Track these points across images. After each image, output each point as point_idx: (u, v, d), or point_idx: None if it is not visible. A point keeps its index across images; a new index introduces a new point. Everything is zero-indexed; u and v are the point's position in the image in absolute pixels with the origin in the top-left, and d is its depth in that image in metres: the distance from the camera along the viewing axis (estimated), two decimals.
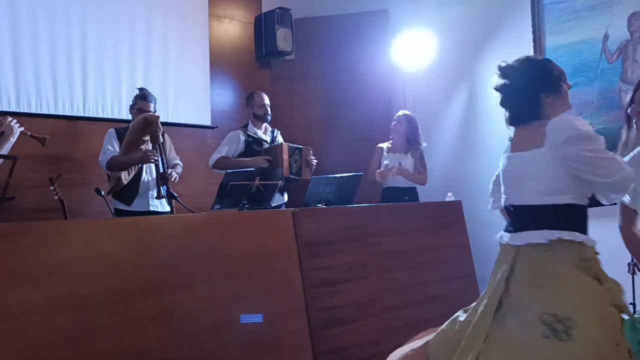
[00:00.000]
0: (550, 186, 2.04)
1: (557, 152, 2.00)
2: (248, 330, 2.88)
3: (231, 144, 4.56)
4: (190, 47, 5.21)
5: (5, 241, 2.32)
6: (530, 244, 2.02)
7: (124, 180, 3.84)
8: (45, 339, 2.32)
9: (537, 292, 1.97)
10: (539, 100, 2.13)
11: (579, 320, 1.88)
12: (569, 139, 1.99)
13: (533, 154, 2.06)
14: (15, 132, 3.27)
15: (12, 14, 4.18)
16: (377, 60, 5.52)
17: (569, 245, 2.01)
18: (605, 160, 1.99)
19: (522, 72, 2.17)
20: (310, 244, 3.23)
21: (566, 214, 2.06)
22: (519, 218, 2.13)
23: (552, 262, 1.98)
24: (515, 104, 2.17)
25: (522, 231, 2.07)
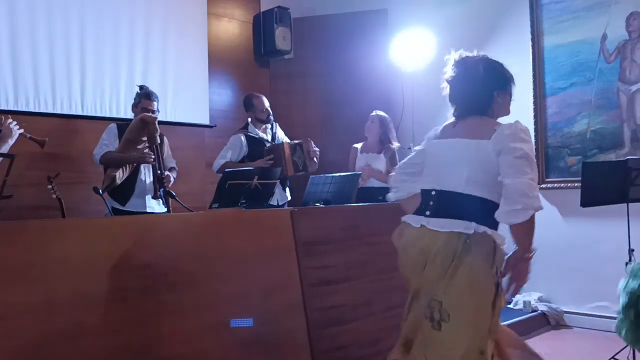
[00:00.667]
0: (483, 178, 2.06)
1: (496, 146, 2.03)
2: (247, 329, 2.88)
3: (234, 148, 4.51)
4: (189, 45, 5.21)
5: (3, 239, 2.31)
6: (452, 232, 2.04)
7: (118, 180, 3.81)
8: (43, 338, 2.31)
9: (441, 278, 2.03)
10: (492, 96, 2.18)
11: (453, 318, 1.99)
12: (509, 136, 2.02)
13: (478, 143, 2.08)
14: (14, 134, 3.26)
15: (11, 13, 4.18)
16: (375, 59, 5.52)
17: (485, 239, 2.04)
18: (519, 165, 1.99)
19: (482, 68, 2.21)
20: (309, 243, 3.22)
21: (488, 209, 2.07)
22: (442, 204, 2.13)
23: (468, 252, 2.02)
24: (470, 97, 2.20)
25: (445, 217, 2.08)
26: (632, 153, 4.34)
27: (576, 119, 4.69)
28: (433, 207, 2.13)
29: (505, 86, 2.23)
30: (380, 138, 4.76)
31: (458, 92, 2.24)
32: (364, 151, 4.82)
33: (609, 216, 4.08)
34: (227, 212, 3.37)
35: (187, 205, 3.66)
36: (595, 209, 3.49)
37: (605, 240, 4.37)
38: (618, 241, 3.73)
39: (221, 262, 2.91)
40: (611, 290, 4.30)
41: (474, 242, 2.02)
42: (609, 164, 3.80)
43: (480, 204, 2.05)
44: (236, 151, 4.51)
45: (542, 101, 4.87)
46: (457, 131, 2.19)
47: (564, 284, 4.66)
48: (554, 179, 4.79)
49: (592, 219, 4.38)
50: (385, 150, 4.73)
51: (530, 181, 1.97)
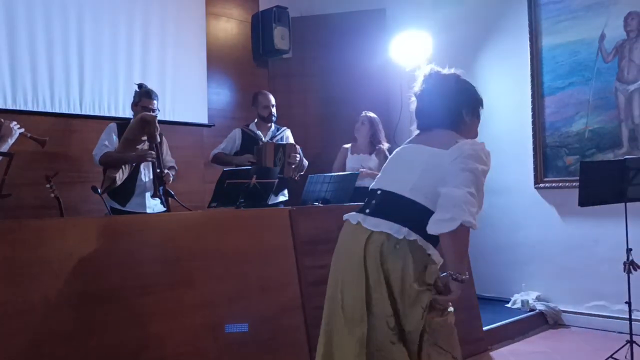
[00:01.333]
0: (430, 188, 1.96)
1: (451, 158, 1.95)
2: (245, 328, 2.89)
3: (229, 141, 4.66)
4: (188, 45, 5.21)
5: (2, 239, 2.32)
6: (384, 232, 1.96)
7: (118, 181, 3.80)
8: (43, 336, 2.32)
9: (383, 290, 1.94)
10: (460, 114, 2.13)
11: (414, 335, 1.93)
12: (467, 153, 1.93)
13: (434, 152, 2.02)
14: (14, 134, 3.25)
15: (9, 11, 4.17)
16: (374, 59, 5.52)
17: (416, 248, 1.95)
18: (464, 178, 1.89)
19: (453, 84, 2.16)
20: (307, 242, 3.23)
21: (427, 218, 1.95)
22: (382, 204, 2.05)
23: (401, 259, 1.93)
24: (437, 112, 2.14)
25: (380, 218, 2.00)
26: (630, 152, 4.34)
27: (574, 118, 4.70)
28: (374, 206, 2.06)
29: (474, 108, 2.17)
30: (370, 139, 4.81)
31: (425, 106, 2.18)
32: (354, 152, 4.87)
33: (607, 216, 4.09)
34: (226, 212, 3.38)
35: (186, 204, 3.66)
36: (593, 208, 3.50)
37: (603, 239, 4.38)
38: (616, 240, 3.74)
39: (220, 261, 2.92)
40: (609, 290, 4.33)
41: (403, 248, 1.93)
42: (607, 164, 3.80)
43: (420, 212, 1.95)
44: (230, 144, 4.64)
45: (540, 101, 4.87)
46: (420, 139, 2.15)
47: (562, 283, 4.66)
48: (552, 179, 4.79)
49: (590, 219, 4.39)
50: (377, 151, 4.78)
51: (469, 195, 1.86)
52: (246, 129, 4.66)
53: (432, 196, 1.95)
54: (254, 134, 4.62)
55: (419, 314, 1.92)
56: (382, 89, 5.60)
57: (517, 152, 4.92)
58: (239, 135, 4.63)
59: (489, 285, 4.90)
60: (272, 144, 4.48)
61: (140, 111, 3.87)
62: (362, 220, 2.04)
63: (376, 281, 1.95)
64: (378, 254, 1.95)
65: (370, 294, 1.96)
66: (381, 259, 1.94)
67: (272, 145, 4.46)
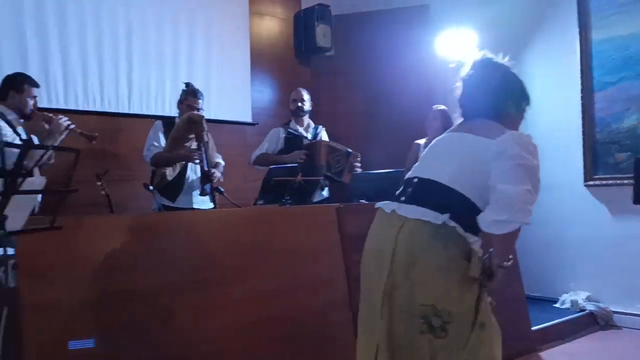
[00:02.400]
0: (471, 177, 1.89)
1: (499, 149, 1.86)
2: (293, 324, 2.90)
3: (271, 140, 4.58)
4: (232, 44, 5.26)
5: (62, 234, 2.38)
6: (421, 220, 1.86)
7: (169, 177, 3.87)
8: (98, 330, 2.37)
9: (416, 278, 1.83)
10: (505, 106, 2.05)
11: (456, 317, 1.81)
12: (517, 144, 1.86)
13: (478, 140, 1.93)
14: (62, 129, 3.34)
15: (61, 16, 4.29)
16: (417, 56, 5.47)
17: (456, 236, 1.85)
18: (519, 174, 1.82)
19: (502, 73, 2.09)
20: (354, 239, 3.20)
21: (467, 209, 1.88)
22: (418, 191, 1.96)
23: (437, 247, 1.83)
24: (483, 100, 2.06)
25: (417, 205, 1.90)
26: None
27: (625, 114, 4.56)
28: (409, 194, 1.97)
29: (520, 102, 2.09)
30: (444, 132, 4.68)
31: (470, 93, 2.10)
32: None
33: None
34: (274, 208, 3.40)
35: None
36: None
37: None
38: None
39: (269, 257, 2.94)
40: None
41: (443, 234, 1.83)
42: None
43: (459, 201, 1.88)
44: (272, 144, 4.56)
45: (590, 96, 4.75)
46: (463, 127, 2.07)
47: (613, 283, 4.54)
48: (602, 176, 4.66)
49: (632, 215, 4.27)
50: None
51: (527, 192, 1.79)
52: (288, 128, 4.63)
53: (474, 187, 1.88)
54: (297, 133, 4.61)
55: (469, 300, 1.84)
56: (425, 86, 5.54)
57: (566, 149, 4.81)
58: (282, 134, 4.59)
59: (536, 285, 4.80)
60: (327, 144, 4.45)
61: (186, 110, 3.93)
62: (397, 208, 1.94)
63: (404, 267, 1.84)
64: (412, 240, 1.85)
65: (394, 283, 1.85)
66: (415, 245, 1.85)
67: (327, 145, 4.44)
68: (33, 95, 3.40)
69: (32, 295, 2.22)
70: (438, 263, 1.83)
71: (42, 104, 3.68)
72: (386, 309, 1.87)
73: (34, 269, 2.25)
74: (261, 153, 4.54)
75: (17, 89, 3.34)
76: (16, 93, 3.34)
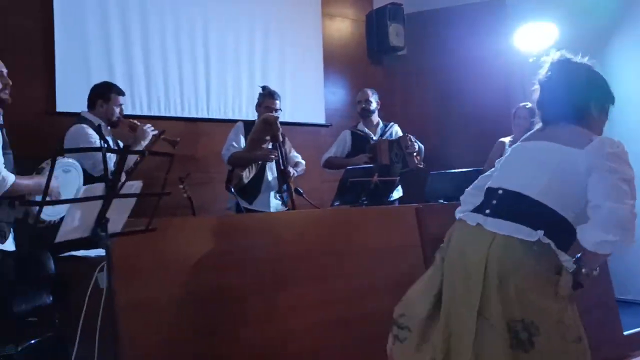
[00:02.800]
0: (562, 190, 1.84)
1: (590, 160, 1.80)
2: (376, 325, 2.88)
3: (339, 144, 4.67)
4: (305, 46, 5.32)
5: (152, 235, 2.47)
6: (513, 237, 1.81)
7: (245, 179, 3.96)
8: (189, 330, 2.44)
9: (507, 294, 1.79)
10: (588, 107, 1.96)
11: (542, 328, 1.76)
12: (611, 155, 1.79)
13: (567, 151, 1.86)
14: (147, 136, 3.47)
15: (143, 27, 4.48)
16: (494, 52, 5.33)
17: (549, 253, 1.80)
18: (622, 189, 1.76)
19: (584, 74, 2.00)
20: (435, 240, 3.16)
21: (558, 225, 1.83)
22: (505, 204, 1.89)
23: (530, 263, 1.79)
24: (564, 102, 1.97)
25: (507, 220, 1.84)
26: None
27: None
28: (495, 206, 1.91)
29: (604, 102, 2.00)
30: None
31: (549, 96, 2.02)
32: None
33: None
34: (353, 209, 3.40)
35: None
36: None
37: None
38: None
39: (349, 258, 2.94)
40: None
41: (535, 251, 1.79)
42: None
43: (551, 217, 1.82)
44: (340, 147, 4.64)
45: None
46: (546, 134, 1.97)
47: None
48: None
49: None
50: None
51: (632, 209, 1.75)
52: (355, 130, 4.67)
53: (565, 201, 1.83)
54: (363, 134, 4.61)
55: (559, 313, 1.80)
56: (502, 83, 5.40)
57: None
58: (348, 136, 4.64)
59: (628, 287, 4.57)
60: (385, 140, 4.46)
61: (264, 112, 4.02)
62: (483, 222, 1.89)
63: (495, 283, 1.80)
64: (504, 257, 1.81)
65: (487, 300, 1.82)
66: (507, 262, 1.80)
67: (386, 142, 4.43)
68: (119, 104, 3.55)
69: (127, 296, 2.30)
70: (529, 279, 1.79)
71: (127, 110, 3.83)
72: (477, 324, 1.84)
73: (129, 270, 2.33)
74: (329, 156, 4.63)
75: (104, 98, 3.49)
76: (104, 102, 3.49)
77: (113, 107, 3.52)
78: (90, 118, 3.46)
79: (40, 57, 4.07)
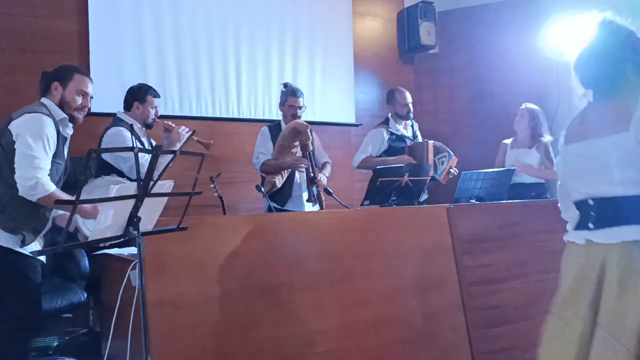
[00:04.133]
0: (638, 175, 1.77)
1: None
2: (405, 326, 2.88)
3: (375, 142, 4.51)
4: (335, 45, 5.32)
5: (184, 234, 2.50)
6: (625, 241, 1.75)
7: (278, 184, 3.97)
8: (219, 327, 2.47)
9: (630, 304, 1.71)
10: (624, 71, 1.86)
11: None
12: None
13: (615, 141, 1.80)
14: (182, 138, 3.50)
15: (176, 29, 4.54)
16: (527, 50, 5.25)
17: None
18: None
19: (624, 37, 1.90)
20: (466, 241, 3.15)
21: None
22: (602, 211, 1.85)
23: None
24: (599, 64, 1.89)
25: (611, 227, 1.80)
26: None
27: None
28: (594, 218, 1.87)
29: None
30: (531, 132, 4.53)
31: (589, 54, 1.95)
32: (514, 147, 4.62)
33: None
34: (384, 209, 3.39)
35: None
36: None
37: None
38: None
39: (379, 259, 2.93)
40: None
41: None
42: None
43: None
44: (377, 146, 4.50)
45: None
46: (586, 131, 1.91)
47: None
48: None
49: None
50: (538, 144, 4.50)
51: None
52: (389, 129, 4.57)
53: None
54: (399, 133, 4.57)
55: None
56: (536, 81, 5.31)
57: None
58: (386, 136, 4.53)
59: None
60: (432, 143, 4.40)
61: (288, 110, 4.03)
62: (592, 237, 1.86)
63: (616, 294, 1.75)
64: (622, 264, 1.76)
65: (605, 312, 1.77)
66: (626, 269, 1.75)
67: (433, 145, 4.39)
68: (155, 106, 3.60)
69: (158, 294, 2.34)
70: None
71: (160, 111, 3.88)
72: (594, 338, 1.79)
73: (160, 268, 2.37)
74: (366, 157, 4.50)
75: (141, 100, 3.54)
76: (140, 104, 3.54)
77: (149, 109, 3.56)
78: (126, 119, 3.51)
79: (76, 59, 4.16)
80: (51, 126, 2.55)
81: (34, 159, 2.43)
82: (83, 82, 2.70)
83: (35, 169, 2.42)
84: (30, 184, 2.40)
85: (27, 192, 2.41)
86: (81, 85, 2.69)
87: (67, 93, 2.66)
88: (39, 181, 2.41)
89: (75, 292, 3.20)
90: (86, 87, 2.71)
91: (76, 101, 2.68)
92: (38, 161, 2.44)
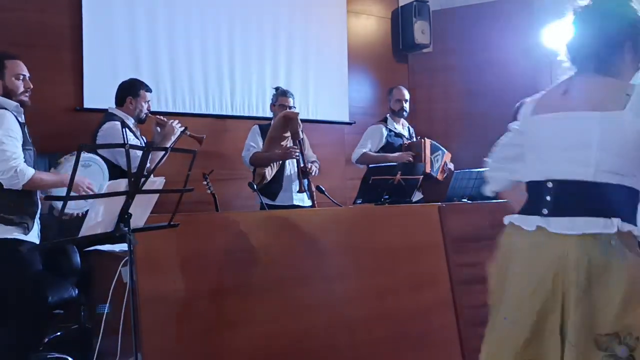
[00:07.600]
0: (620, 162, 1.57)
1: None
2: (396, 324, 2.89)
3: (374, 138, 4.59)
4: (329, 44, 5.31)
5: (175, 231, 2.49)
6: (587, 234, 1.53)
7: (268, 176, 4.00)
8: (210, 323, 2.47)
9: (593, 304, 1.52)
10: (620, 49, 1.67)
11: None
12: None
13: (606, 116, 1.58)
14: (176, 131, 3.51)
15: (170, 26, 4.53)
16: (521, 49, 5.26)
17: (633, 242, 1.54)
18: None
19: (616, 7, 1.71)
20: (458, 240, 3.16)
21: (633, 200, 1.58)
22: (563, 197, 1.62)
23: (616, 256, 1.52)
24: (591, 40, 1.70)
25: (573, 216, 1.58)
26: None
27: None
28: (552, 203, 1.63)
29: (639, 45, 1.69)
30: None
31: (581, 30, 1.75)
32: None
33: None
34: (375, 208, 3.40)
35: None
36: None
37: None
38: None
39: (370, 257, 2.94)
40: None
41: (619, 244, 1.52)
42: None
43: (622, 195, 1.57)
44: (375, 142, 4.58)
45: None
46: (570, 101, 1.67)
47: None
48: None
49: None
50: None
51: None
52: (387, 126, 4.65)
53: (629, 171, 1.57)
54: (397, 131, 4.62)
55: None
56: (530, 81, 5.29)
57: None
58: (385, 133, 4.61)
59: None
60: (429, 141, 4.46)
61: (279, 111, 4.08)
62: (546, 224, 1.62)
63: (577, 293, 1.54)
64: (583, 260, 1.54)
65: (565, 313, 1.57)
66: (589, 266, 1.54)
67: (430, 143, 4.44)
68: (147, 100, 3.60)
69: (149, 290, 2.33)
70: (618, 281, 1.52)
71: (152, 107, 3.88)
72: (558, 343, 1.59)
73: (151, 265, 2.37)
74: (365, 152, 4.55)
75: (133, 95, 3.54)
76: (133, 98, 3.54)
77: (142, 104, 3.57)
78: (118, 114, 3.51)
79: (69, 54, 4.15)
80: (10, 117, 2.63)
81: (5, 152, 2.54)
82: (17, 66, 2.78)
83: (10, 160, 2.53)
84: (10, 175, 2.52)
85: (11, 183, 2.54)
86: (16, 70, 2.77)
87: (7, 82, 2.74)
88: (17, 169, 2.53)
89: (67, 288, 3.18)
90: (21, 69, 2.79)
91: (18, 86, 2.75)
92: (10, 153, 2.55)
